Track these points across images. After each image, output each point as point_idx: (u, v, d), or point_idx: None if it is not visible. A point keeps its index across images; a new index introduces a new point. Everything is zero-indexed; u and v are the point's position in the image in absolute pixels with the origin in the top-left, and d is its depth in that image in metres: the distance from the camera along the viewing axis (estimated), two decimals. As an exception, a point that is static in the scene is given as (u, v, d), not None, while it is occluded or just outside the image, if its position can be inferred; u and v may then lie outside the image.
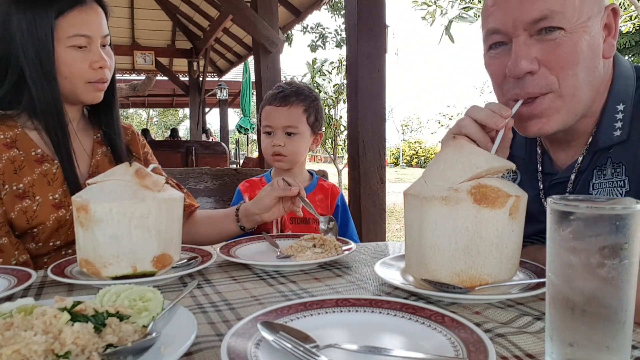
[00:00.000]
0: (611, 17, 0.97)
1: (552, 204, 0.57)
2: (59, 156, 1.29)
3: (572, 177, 1.05)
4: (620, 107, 0.98)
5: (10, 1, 1.24)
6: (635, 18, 8.21)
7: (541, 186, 1.11)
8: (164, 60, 11.46)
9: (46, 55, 1.24)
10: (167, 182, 1.08)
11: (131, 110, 34.34)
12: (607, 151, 1.00)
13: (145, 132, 13.53)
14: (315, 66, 9.81)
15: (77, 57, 1.27)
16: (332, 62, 9.78)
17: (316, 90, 9.85)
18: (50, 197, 1.28)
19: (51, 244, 1.31)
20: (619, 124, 0.98)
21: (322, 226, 1.38)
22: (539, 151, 1.14)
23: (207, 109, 15.98)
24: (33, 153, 1.29)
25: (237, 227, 1.45)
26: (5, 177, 1.25)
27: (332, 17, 13.47)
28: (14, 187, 1.25)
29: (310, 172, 1.78)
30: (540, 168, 1.13)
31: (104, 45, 1.33)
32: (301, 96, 1.65)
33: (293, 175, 1.68)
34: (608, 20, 0.96)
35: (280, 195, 1.37)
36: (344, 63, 8.47)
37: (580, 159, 1.04)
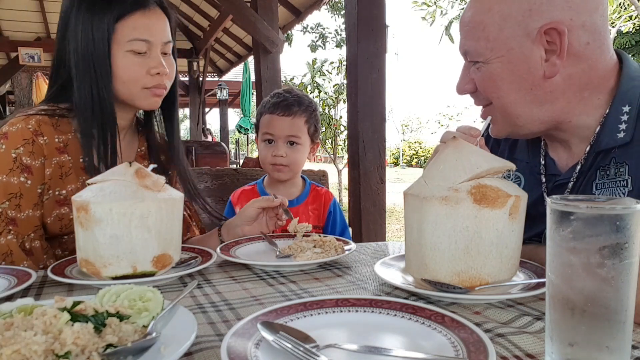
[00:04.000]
0: (554, 36, 0.94)
1: (552, 204, 0.57)
2: (103, 162, 1.25)
3: (575, 177, 1.05)
4: (626, 108, 0.98)
5: (73, 2, 1.23)
6: (635, 18, 8.21)
7: (545, 188, 1.12)
8: (164, 60, 11.44)
9: (101, 58, 1.21)
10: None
11: (131, 110, 34.23)
12: (610, 152, 1.00)
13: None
14: (315, 66, 9.81)
15: (135, 62, 1.24)
16: (332, 62, 9.78)
17: (316, 90, 9.85)
18: None
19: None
20: (622, 126, 0.98)
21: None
22: (542, 153, 1.15)
23: (207, 109, 15.98)
24: (81, 160, 1.27)
25: (218, 242, 1.37)
26: (51, 183, 1.23)
27: (332, 17, 13.49)
28: (57, 193, 1.24)
29: (303, 178, 1.77)
30: (543, 170, 1.14)
31: (165, 53, 1.29)
32: (303, 106, 1.63)
33: (289, 185, 1.68)
34: (552, 39, 0.95)
35: (263, 205, 1.34)
36: (344, 63, 8.47)
37: (582, 159, 1.04)
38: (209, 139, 12.58)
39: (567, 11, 0.94)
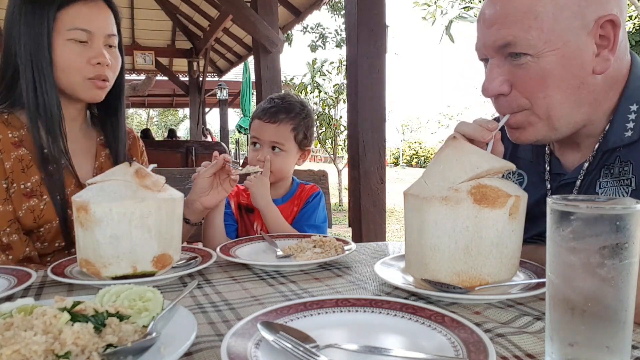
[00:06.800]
0: (608, 29, 0.92)
1: (552, 204, 0.57)
2: (55, 153, 1.28)
3: (581, 177, 1.04)
4: (634, 107, 0.97)
5: None
6: (635, 18, 8.21)
7: (549, 186, 1.11)
8: (164, 60, 11.46)
9: (42, 48, 1.23)
10: None
11: (131, 110, 34.26)
12: (615, 150, 0.99)
13: (146, 131, 13.53)
14: (315, 66, 9.81)
15: (76, 51, 1.26)
16: (332, 62, 9.78)
17: (316, 90, 9.84)
18: (58, 197, 1.28)
19: (56, 244, 1.31)
20: (630, 125, 0.97)
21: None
22: (548, 152, 1.14)
23: (207, 109, 15.98)
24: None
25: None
26: (13, 176, 1.24)
27: (332, 17, 13.48)
28: (22, 186, 1.25)
29: (293, 179, 1.78)
30: (548, 168, 1.12)
31: (110, 46, 1.32)
32: (291, 113, 1.64)
33: (277, 186, 1.70)
34: (605, 33, 0.92)
35: (212, 172, 1.38)
36: (344, 63, 8.47)
37: (590, 157, 1.03)
38: (209, 139, 12.59)
39: (616, 5, 0.93)
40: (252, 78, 8.47)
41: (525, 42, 0.92)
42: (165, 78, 12.05)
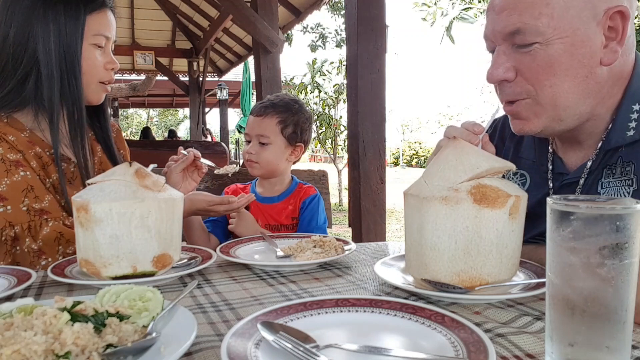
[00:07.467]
0: (617, 21, 0.91)
1: (552, 204, 0.57)
2: (76, 154, 1.31)
3: (584, 176, 1.04)
4: (636, 107, 0.97)
5: (35, 2, 1.26)
6: (635, 18, 8.22)
7: (551, 185, 1.11)
8: (164, 60, 11.46)
9: (76, 51, 1.27)
10: None
11: (131, 110, 34.36)
12: (617, 150, 0.99)
13: (147, 131, 13.54)
14: (315, 66, 9.82)
15: (96, 55, 1.32)
16: (332, 62, 9.79)
17: (316, 90, 9.83)
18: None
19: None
20: (632, 124, 0.97)
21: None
22: (550, 151, 1.14)
23: (207, 109, 15.99)
24: (48, 153, 1.30)
25: None
26: (42, 172, 1.26)
27: (332, 17, 13.48)
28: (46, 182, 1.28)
29: (292, 178, 1.79)
30: (551, 168, 1.12)
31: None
32: (280, 108, 1.67)
33: (274, 183, 1.73)
34: (613, 24, 0.92)
35: (182, 167, 1.50)
36: (344, 63, 8.47)
37: (594, 156, 1.03)
38: (209, 139, 12.59)
39: None
40: (252, 78, 8.46)
41: (535, 29, 0.92)
42: (165, 78, 12.05)
